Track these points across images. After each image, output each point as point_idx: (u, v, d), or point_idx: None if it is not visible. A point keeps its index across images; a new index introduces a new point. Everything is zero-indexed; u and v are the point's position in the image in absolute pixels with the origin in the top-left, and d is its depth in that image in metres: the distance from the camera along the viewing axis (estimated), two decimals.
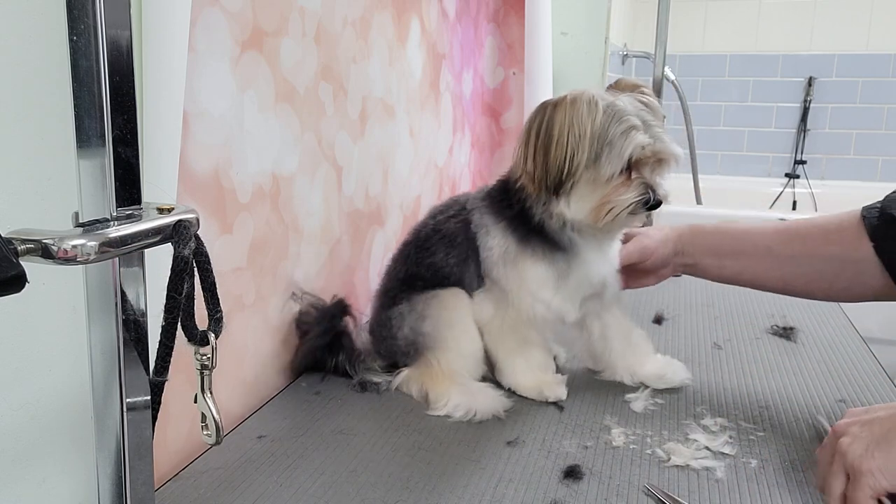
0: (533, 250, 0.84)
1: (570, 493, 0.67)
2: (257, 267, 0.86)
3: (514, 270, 0.84)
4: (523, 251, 0.84)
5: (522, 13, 1.66)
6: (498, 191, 0.88)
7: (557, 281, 0.84)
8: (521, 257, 0.84)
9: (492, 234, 0.86)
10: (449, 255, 0.89)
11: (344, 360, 0.93)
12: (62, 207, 0.54)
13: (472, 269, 0.88)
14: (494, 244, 0.86)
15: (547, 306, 0.85)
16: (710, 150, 3.30)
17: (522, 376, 0.88)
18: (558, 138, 0.77)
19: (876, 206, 0.88)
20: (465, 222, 0.89)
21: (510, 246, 0.85)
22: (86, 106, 0.40)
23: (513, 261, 0.84)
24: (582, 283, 0.85)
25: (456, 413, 0.82)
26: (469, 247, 0.88)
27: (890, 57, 3.05)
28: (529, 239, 0.84)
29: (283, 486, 0.68)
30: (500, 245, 0.85)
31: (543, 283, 0.84)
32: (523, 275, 0.84)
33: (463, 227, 0.89)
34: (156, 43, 0.59)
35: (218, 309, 0.49)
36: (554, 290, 0.84)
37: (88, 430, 0.45)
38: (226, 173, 0.78)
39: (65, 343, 0.58)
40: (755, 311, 1.22)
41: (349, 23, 1.03)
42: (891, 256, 0.84)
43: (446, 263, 0.89)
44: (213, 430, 0.49)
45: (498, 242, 0.85)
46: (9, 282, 0.34)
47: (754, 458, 0.74)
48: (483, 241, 0.87)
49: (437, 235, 0.90)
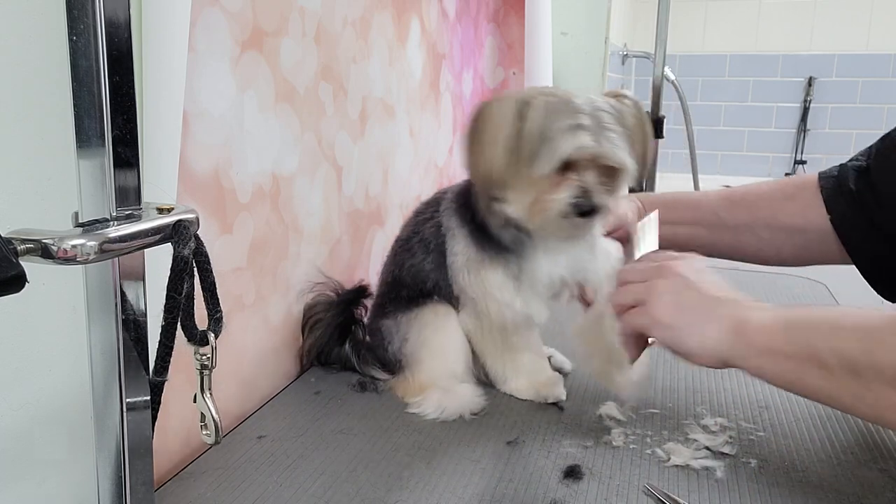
0: (489, 255, 0.82)
1: (570, 493, 0.67)
2: (257, 267, 0.86)
3: (477, 277, 0.83)
4: (482, 257, 0.82)
5: (522, 13, 1.66)
6: (465, 191, 0.86)
7: (515, 283, 0.82)
8: (481, 263, 0.82)
9: (457, 239, 0.84)
10: (426, 260, 0.87)
11: (351, 351, 0.94)
12: (62, 207, 0.54)
13: (446, 274, 0.86)
14: (459, 250, 0.84)
15: (512, 309, 0.83)
16: (710, 150, 3.30)
17: (514, 382, 0.88)
18: (487, 136, 0.74)
19: (833, 175, 0.88)
20: (438, 226, 0.87)
21: (471, 253, 0.83)
22: (86, 106, 0.40)
23: (475, 268, 0.83)
24: (535, 284, 0.82)
25: (427, 410, 0.83)
26: (440, 253, 0.86)
27: (890, 57, 3.05)
28: (487, 243, 0.82)
29: (283, 486, 0.68)
30: (462, 252, 0.83)
31: (503, 286, 0.82)
32: (484, 281, 0.82)
33: (436, 230, 0.87)
34: (156, 43, 0.59)
35: (218, 309, 0.49)
36: (514, 292, 0.82)
37: (88, 430, 0.45)
38: (226, 173, 0.78)
39: (65, 343, 0.58)
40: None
41: (349, 23, 1.03)
42: (847, 230, 0.85)
43: (423, 268, 0.88)
44: (213, 430, 0.49)
45: (461, 248, 0.84)
46: (9, 282, 0.34)
47: (754, 458, 0.74)
48: (450, 246, 0.85)
49: (416, 238, 0.89)
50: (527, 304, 0.83)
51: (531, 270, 0.82)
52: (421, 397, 0.85)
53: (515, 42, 1.80)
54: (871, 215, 0.84)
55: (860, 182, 0.85)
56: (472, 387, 0.87)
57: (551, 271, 0.82)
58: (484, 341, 0.88)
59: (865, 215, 0.84)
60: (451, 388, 0.85)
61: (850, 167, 0.88)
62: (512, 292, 0.82)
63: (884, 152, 0.85)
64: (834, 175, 0.89)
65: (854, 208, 0.85)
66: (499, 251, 0.82)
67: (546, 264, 0.82)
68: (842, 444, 0.77)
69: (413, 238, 0.90)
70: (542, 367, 0.89)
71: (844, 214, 0.85)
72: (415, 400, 0.85)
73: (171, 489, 0.67)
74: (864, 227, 0.85)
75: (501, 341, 0.87)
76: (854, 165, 0.88)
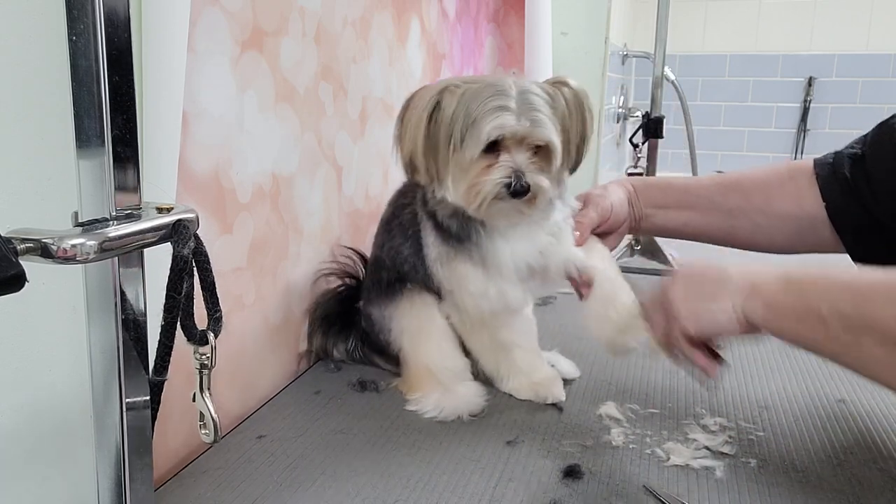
0: (453, 247, 0.81)
1: (570, 493, 0.67)
2: (257, 267, 0.86)
3: (449, 269, 0.82)
4: (447, 249, 0.82)
5: (522, 13, 1.66)
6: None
7: (483, 272, 0.81)
8: (449, 256, 0.82)
9: (427, 231, 0.84)
10: (403, 245, 0.87)
11: (362, 345, 0.96)
12: (62, 207, 0.54)
13: (423, 262, 0.85)
14: (430, 242, 0.83)
15: (487, 298, 0.82)
16: (710, 150, 3.30)
17: (511, 381, 0.88)
18: (407, 124, 0.76)
19: (828, 162, 0.88)
20: (414, 213, 0.86)
21: (440, 246, 0.82)
22: (86, 106, 0.40)
23: (445, 261, 0.82)
24: (501, 270, 0.81)
25: (425, 408, 0.83)
26: (418, 239, 0.85)
27: (890, 57, 3.05)
28: (448, 235, 0.81)
29: (283, 486, 0.68)
30: (433, 244, 0.83)
31: (473, 277, 0.81)
32: (456, 273, 0.82)
33: (412, 217, 0.86)
34: (156, 43, 0.59)
35: (217, 308, 0.49)
36: (486, 281, 0.81)
37: (88, 430, 0.45)
38: (226, 173, 0.78)
39: (65, 343, 0.58)
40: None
41: (349, 23, 1.03)
42: (841, 218, 0.85)
43: (401, 252, 0.87)
44: (211, 429, 0.49)
45: (432, 241, 0.83)
46: (9, 281, 0.34)
47: (754, 458, 0.74)
48: (423, 237, 0.84)
49: (396, 221, 0.89)
50: (500, 292, 0.81)
51: (493, 258, 0.80)
52: (420, 394, 0.85)
53: (515, 42, 1.80)
54: (864, 203, 0.84)
55: (855, 169, 0.85)
56: (473, 386, 0.87)
57: (514, 257, 0.81)
58: (472, 338, 0.88)
59: (860, 203, 0.84)
60: (451, 387, 0.85)
61: (846, 154, 0.87)
62: (483, 281, 0.81)
63: (879, 139, 0.85)
64: (829, 162, 0.88)
65: (848, 196, 0.85)
66: (460, 241, 0.81)
67: (506, 251, 0.80)
68: (842, 444, 0.77)
69: (393, 220, 0.90)
70: (537, 365, 0.89)
71: (838, 202, 0.85)
72: (414, 397, 0.85)
73: (171, 489, 0.67)
74: (858, 215, 0.84)
75: (489, 338, 0.87)
76: (849, 153, 0.87)
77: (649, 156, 2.04)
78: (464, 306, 0.84)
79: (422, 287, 0.87)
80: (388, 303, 0.89)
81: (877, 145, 0.84)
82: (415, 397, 0.85)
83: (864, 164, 0.84)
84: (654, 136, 1.99)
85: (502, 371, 0.88)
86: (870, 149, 0.85)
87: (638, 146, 1.98)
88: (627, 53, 2.86)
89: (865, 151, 0.85)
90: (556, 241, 0.82)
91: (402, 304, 0.87)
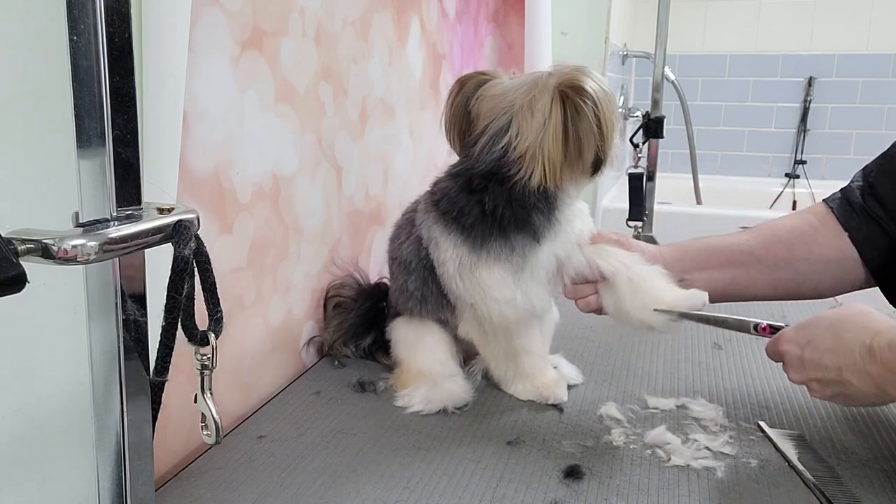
0: (487, 252, 0.80)
1: (570, 493, 0.67)
2: (257, 267, 0.86)
3: (472, 280, 0.81)
4: (477, 258, 0.80)
5: (522, 13, 1.66)
6: (441, 198, 0.84)
7: (514, 276, 0.80)
8: (476, 264, 0.80)
9: (442, 248, 0.82)
10: (408, 281, 0.88)
11: (374, 345, 0.98)
12: (62, 207, 0.54)
13: (433, 289, 0.86)
14: (447, 257, 0.82)
15: (513, 305, 0.81)
16: (710, 150, 3.30)
17: (517, 385, 0.88)
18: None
19: (838, 198, 0.90)
20: (417, 241, 0.86)
21: (463, 256, 0.81)
22: (86, 106, 0.40)
23: (468, 271, 0.81)
24: (536, 269, 0.81)
25: (413, 402, 0.84)
26: (425, 267, 0.86)
27: (890, 57, 3.05)
28: (485, 241, 0.80)
29: (283, 486, 0.68)
30: (452, 258, 0.82)
31: (501, 283, 0.80)
32: (482, 282, 0.81)
33: (416, 248, 0.87)
34: (156, 43, 0.59)
35: (218, 309, 0.49)
36: (514, 287, 0.80)
37: (88, 430, 0.45)
38: (226, 173, 0.78)
39: (65, 343, 0.58)
40: (755, 311, 1.21)
41: (349, 23, 1.03)
42: (867, 246, 0.87)
43: (406, 289, 0.89)
44: (213, 430, 0.49)
45: (450, 256, 0.82)
46: (9, 282, 0.34)
47: (754, 458, 0.74)
48: (436, 256, 0.84)
49: (395, 263, 0.91)
50: (527, 298, 0.81)
51: (534, 255, 0.80)
52: (409, 389, 0.86)
53: (515, 42, 1.79)
54: (883, 226, 0.86)
55: (866, 197, 0.87)
56: (460, 381, 0.88)
57: (548, 258, 0.81)
58: (488, 346, 0.88)
59: (879, 227, 0.86)
60: (439, 382, 0.86)
61: (854, 187, 0.89)
62: (512, 287, 0.80)
63: (884, 169, 0.87)
64: (839, 197, 0.90)
65: (867, 222, 0.87)
66: (502, 246, 0.79)
67: (542, 249, 0.80)
68: (842, 444, 0.77)
69: (393, 265, 0.93)
70: (542, 369, 0.89)
71: (861, 230, 0.87)
72: (403, 392, 0.87)
73: (171, 489, 0.67)
74: (879, 238, 0.86)
75: (505, 344, 0.87)
76: (857, 185, 0.89)
77: (649, 156, 2.05)
78: (488, 315, 0.83)
79: (427, 311, 0.89)
80: (393, 324, 0.94)
81: (883, 175, 0.87)
82: (404, 392, 0.86)
83: (874, 191, 0.87)
84: (654, 136, 2.00)
85: (510, 375, 0.89)
86: (877, 177, 0.87)
87: (638, 146, 1.98)
88: (627, 53, 2.87)
89: (873, 181, 0.88)
90: (577, 248, 0.84)
91: (401, 317, 0.92)
